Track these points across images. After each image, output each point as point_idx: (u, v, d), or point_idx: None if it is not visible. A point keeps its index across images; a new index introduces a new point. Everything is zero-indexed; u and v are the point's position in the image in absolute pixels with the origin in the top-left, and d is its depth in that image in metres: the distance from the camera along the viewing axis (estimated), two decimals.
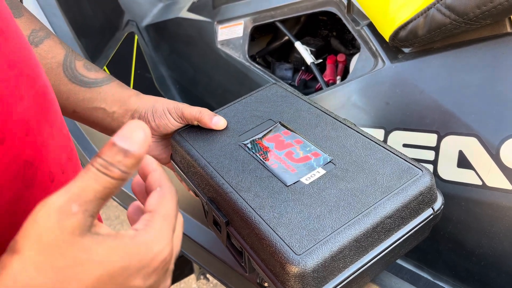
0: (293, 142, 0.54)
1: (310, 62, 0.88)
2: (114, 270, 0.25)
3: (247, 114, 0.60)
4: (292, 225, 0.42)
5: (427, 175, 0.46)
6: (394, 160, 0.48)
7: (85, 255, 0.24)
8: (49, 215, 0.23)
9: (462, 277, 0.62)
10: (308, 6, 0.84)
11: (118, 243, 0.25)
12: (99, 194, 0.24)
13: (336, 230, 0.41)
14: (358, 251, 0.42)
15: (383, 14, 0.64)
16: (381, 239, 0.43)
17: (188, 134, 0.58)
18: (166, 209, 0.28)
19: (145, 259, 0.26)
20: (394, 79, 0.66)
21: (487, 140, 0.55)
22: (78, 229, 0.24)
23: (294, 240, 0.41)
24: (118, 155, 0.24)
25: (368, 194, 0.44)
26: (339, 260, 0.41)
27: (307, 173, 0.48)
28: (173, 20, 1.16)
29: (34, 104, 0.31)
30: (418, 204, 0.45)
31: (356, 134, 0.53)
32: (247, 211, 0.45)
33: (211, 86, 1.10)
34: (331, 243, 0.40)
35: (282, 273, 0.40)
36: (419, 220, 0.45)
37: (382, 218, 0.43)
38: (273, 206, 0.45)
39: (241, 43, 0.97)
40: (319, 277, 0.40)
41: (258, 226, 0.43)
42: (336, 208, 0.43)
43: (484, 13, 0.53)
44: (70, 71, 0.57)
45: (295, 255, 0.40)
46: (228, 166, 0.51)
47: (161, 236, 0.27)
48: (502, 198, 0.54)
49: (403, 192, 0.44)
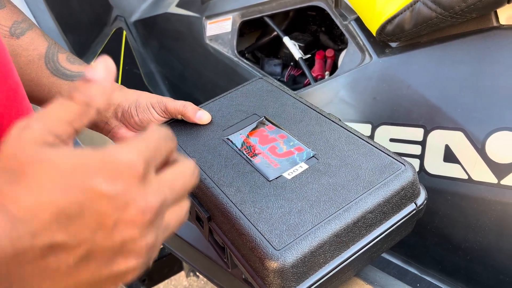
0: (277, 137, 0.53)
1: (299, 58, 0.87)
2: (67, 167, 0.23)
3: (232, 109, 0.59)
4: (273, 220, 0.42)
5: (409, 170, 0.45)
6: (377, 154, 0.48)
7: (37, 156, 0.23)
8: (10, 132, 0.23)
9: (448, 271, 0.62)
10: (296, 1, 0.84)
11: (78, 149, 0.24)
12: (63, 115, 0.24)
13: (316, 225, 0.41)
14: (338, 246, 0.42)
15: (370, 8, 0.64)
16: (362, 234, 0.43)
17: (172, 128, 0.57)
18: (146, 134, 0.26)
19: (104, 159, 0.23)
20: (381, 73, 0.66)
21: (472, 134, 0.55)
22: (34, 140, 0.23)
23: (273, 235, 0.40)
24: (80, 83, 0.25)
25: (349, 188, 0.44)
26: (319, 255, 0.40)
27: (289, 168, 0.48)
28: (162, 15, 1.15)
29: (6, 100, 0.31)
30: (400, 199, 0.45)
31: (340, 129, 0.52)
32: (228, 206, 0.45)
33: (200, 81, 1.09)
34: (311, 238, 0.40)
35: (261, 269, 0.40)
36: (402, 215, 0.45)
37: (363, 213, 0.42)
38: (255, 201, 0.44)
39: (230, 39, 0.96)
40: (299, 272, 0.39)
41: (239, 221, 0.43)
42: (317, 203, 0.43)
43: (470, 6, 0.53)
44: (52, 64, 0.56)
45: (274, 250, 0.39)
46: (211, 161, 0.51)
47: (129, 146, 0.24)
48: (487, 192, 0.54)
49: (384, 187, 0.44)
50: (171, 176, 0.26)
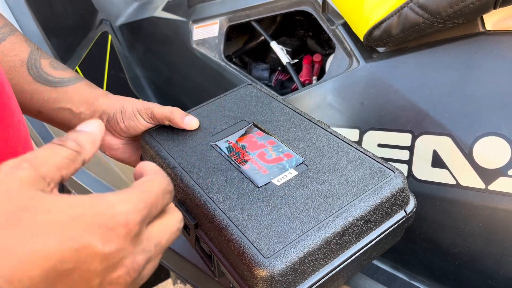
0: (266, 143, 0.52)
1: (286, 62, 0.87)
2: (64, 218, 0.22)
3: (221, 115, 0.58)
4: (262, 227, 0.41)
5: (399, 177, 0.45)
6: (367, 161, 0.47)
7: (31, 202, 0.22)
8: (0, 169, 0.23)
9: (437, 276, 0.62)
10: (283, 6, 0.84)
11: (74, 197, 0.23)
12: (52, 160, 0.25)
13: (306, 233, 0.40)
14: (328, 254, 0.41)
15: (358, 13, 0.64)
16: (352, 241, 0.42)
17: (158, 134, 0.56)
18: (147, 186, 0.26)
19: (103, 213, 0.23)
20: (369, 79, 0.66)
21: (460, 139, 0.55)
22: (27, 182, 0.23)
23: (262, 243, 0.40)
24: (72, 132, 0.27)
25: (339, 195, 0.44)
26: (308, 263, 0.39)
27: (279, 174, 0.47)
28: (148, 19, 1.14)
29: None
30: (390, 206, 0.44)
31: (329, 135, 0.52)
32: (215, 213, 0.44)
33: (187, 86, 1.08)
34: (300, 246, 0.39)
35: (250, 277, 0.39)
36: (391, 223, 0.45)
37: (353, 220, 0.42)
38: (243, 208, 0.43)
39: (217, 43, 0.96)
40: (288, 281, 0.38)
41: (227, 228, 0.42)
42: (307, 210, 0.42)
43: (457, 12, 0.53)
44: (35, 70, 0.54)
45: (263, 258, 0.38)
46: (199, 167, 0.50)
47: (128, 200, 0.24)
48: (475, 197, 0.54)
49: (374, 194, 0.43)
50: (159, 230, 0.27)
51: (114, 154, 0.60)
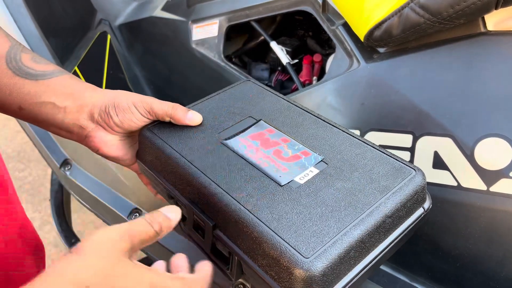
0: (280, 141, 0.51)
1: (286, 62, 0.86)
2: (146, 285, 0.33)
3: (224, 111, 0.56)
4: (295, 226, 0.40)
5: (420, 175, 0.45)
6: (386, 159, 0.47)
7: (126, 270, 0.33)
8: (108, 236, 0.33)
9: (438, 278, 0.62)
10: (283, 5, 0.83)
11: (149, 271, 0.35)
12: (141, 235, 0.36)
13: (342, 231, 0.39)
14: (362, 252, 0.41)
15: (358, 14, 0.64)
16: (381, 239, 0.42)
17: (160, 130, 0.54)
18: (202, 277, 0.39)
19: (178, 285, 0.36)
20: (369, 79, 0.65)
21: (461, 140, 0.55)
22: (124, 252, 0.33)
23: (299, 243, 0.39)
24: (161, 216, 0.38)
25: (367, 193, 0.43)
26: (346, 262, 0.39)
27: (300, 172, 0.46)
28: (147, 19, 1.13)
29: None
30: (413, 203, 0.45)
31: (342, 133, 0.51)
32: (242, 213, 0.42)
33: (187, 86, 1.08)
34: (339, 245, 0.38)
35: (287, 278, 0.38)
36: (412, 219, 0.45)
37: (384, 218, 0.42)
38: (270, 207, 0.42)
39: (216, 43, 0.95)
40: (327, 281, 0.38)
41: (257, 228, 0.40)
42: (338, 208, 0.42)
43: (458, 12, 0.53)
44: (15, 63, 0.52)
45: (304, 258, 0.37)
46: (213, 165, 0.48)
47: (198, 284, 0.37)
48: (476, 198, 0.54)
49: (400, 191, 0.44)
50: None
51: (109, 151, 0.56)
